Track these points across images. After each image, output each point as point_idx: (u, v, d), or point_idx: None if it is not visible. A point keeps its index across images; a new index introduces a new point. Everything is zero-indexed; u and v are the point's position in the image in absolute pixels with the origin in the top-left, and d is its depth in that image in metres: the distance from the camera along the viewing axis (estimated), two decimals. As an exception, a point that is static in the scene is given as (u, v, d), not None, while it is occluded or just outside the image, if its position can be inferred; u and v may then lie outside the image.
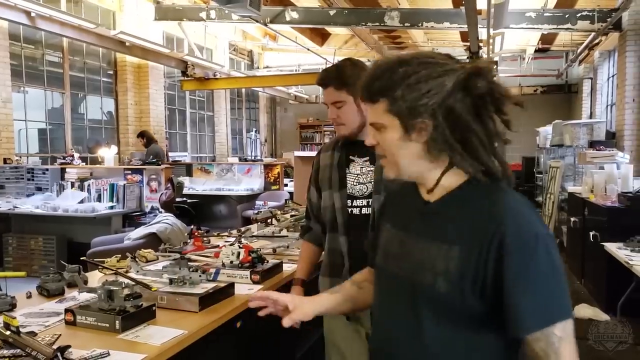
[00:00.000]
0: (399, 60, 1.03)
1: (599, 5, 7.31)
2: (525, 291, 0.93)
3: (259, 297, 1.31)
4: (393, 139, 1.04)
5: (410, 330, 1.03)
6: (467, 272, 0.96)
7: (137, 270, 2.06)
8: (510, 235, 0.93)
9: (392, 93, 1.01)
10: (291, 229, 3.11)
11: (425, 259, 1.01)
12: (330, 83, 1.79)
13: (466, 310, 0.97)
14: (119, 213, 5.75)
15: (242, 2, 5.60)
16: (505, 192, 1.02)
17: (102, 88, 8.71)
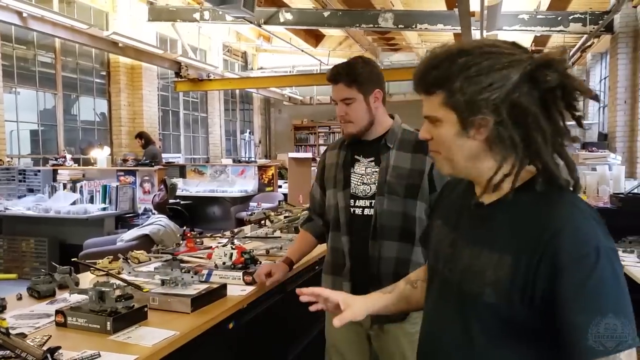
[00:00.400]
0: (459, 49, 0.94)
1: (591, 8, 7.36)
2: (585, 311, 0.82)
3: (309, 293, 1.25)
4: (449, 134, 0.96)
5: (457, 337, 0.97)
6: (516, 283, 0.88)
7: (129, 271, 2.05)
8: (566, 247, 0.84)
9: (450, 85, 0.92)
10: (285, 230, 3.11)
11: (474, 266, 0.95)
12: (340, 79, 1.78)
13: (515, 322, 0.90)
14: (112, 215, 5.72)
15: (236, 3, 5.60)
16: (565, 198, 0.92)
17: (94, 89, 8.67)
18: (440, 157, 1.00)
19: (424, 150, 1.75)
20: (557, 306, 0.84)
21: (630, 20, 7.26)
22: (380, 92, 1.81)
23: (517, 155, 0.92)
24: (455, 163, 0.98)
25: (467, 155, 0.96)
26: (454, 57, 0.93)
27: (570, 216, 0.88)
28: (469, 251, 0.97)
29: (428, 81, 0.96)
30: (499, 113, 0.90)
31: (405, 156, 1.77)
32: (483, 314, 0.93)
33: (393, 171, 1.76)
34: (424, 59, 0.98)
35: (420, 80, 0.98)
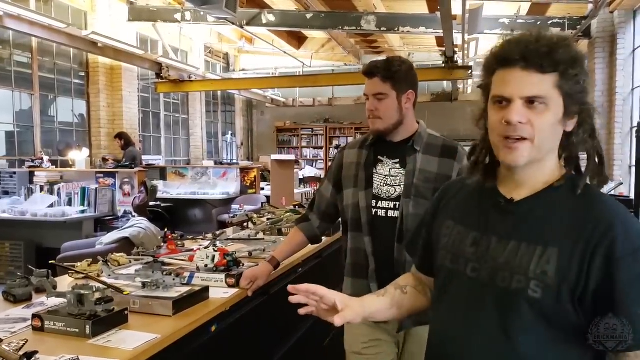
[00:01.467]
0: (560, 37, 0.93)
1: (569, 13, 7.50)
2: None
3: (304, 291, 1.15)
4: (552, 120, 0.92)
5: (493, 338, 0.93)
6: (567, 277, 0.87)
7: (109, 274, 2.00)
8: (622, 240, 0.86)
9: (570, 69, 0.90)
10: (268, 232, 3.09)
11: (512, 261, 0.92)
12: (377, 73, 1.76)
13: (560, 318, 0.89)
14: (91, 217, 5.61)
15: (218, 3, 5.55)
16: (602, 195, 0.95)
17: (73, 90, 8.52)
18: (529, 145, 0.93)
19: (451, 155, 1.76)
20: (611, 298, 0.85)
21: (607, 26, 7.41)
22: (413, 93, 1.80)
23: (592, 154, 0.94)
24: (540, 153, 0.94)
25: (555, 144, 0.95)
26: (568, 44, 0.92)
27: (621, 211, 0.91)
28: (502, 247, 0.95)
29: (555, 58, 0.90)
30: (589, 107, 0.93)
31: (432, 160, 1.76)
32: (525, 311, 0.90)
33: (420, 174, 1.74)
34: (533, 35, 0.94)
35: (543, 55, 0.90)
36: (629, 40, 7.22)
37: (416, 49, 12.03)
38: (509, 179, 1.00)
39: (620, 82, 7.24)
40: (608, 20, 7.39)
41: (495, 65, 0.96)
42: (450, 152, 1.77)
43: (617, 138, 7.21)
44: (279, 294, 2.30)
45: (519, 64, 0.91)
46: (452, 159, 1.76)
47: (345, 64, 12.93)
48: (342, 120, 14.19)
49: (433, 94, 12.54)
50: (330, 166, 2.02)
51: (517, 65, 0.91)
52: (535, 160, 0.95)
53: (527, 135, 0.92)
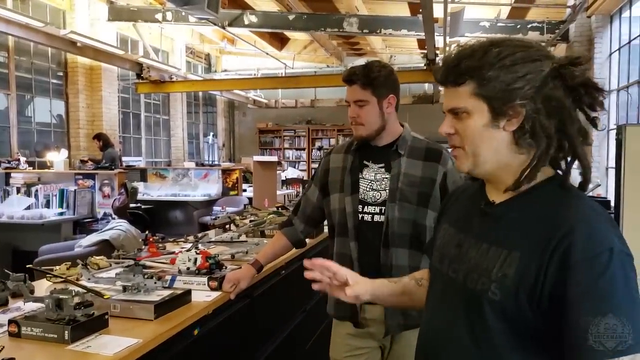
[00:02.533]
0: (490, 42, 0.94)
1: (548, 17, 7.63)
2: (593, 311, 0.81)
3: (319, 265, 1.18)
4: (477, 125, 0.94)
5: (462, 336, 0.95)
6: (524, 280, 0.87)
7: (88, 277, 1.96)
8: (578, 245, 0.83)
9: (484, 73, 0.91)
10: (250, 234, 3.06)
11: (481, 263, 0.94)
12: (356, 80, 1.75)
13: (519, 321, 0.89)
14: (69, 220, 5.51)
15: (200, 4, 5.51)
16: (580, 197, 0.92)
17: (51, 90, 8.37)
18: (462, 152, 0.97)
19: (436, 159, 1.77)
20: (563, 304, 0.83)
21: (584, 30, 7.55)
22: (394, 98, 1.79)
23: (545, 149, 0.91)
24: (478, 157, 0.96)
25: (494, 147, 0.94)
26: (487, 47, 0.93)
27: (586, 216, 0.88)
28: (476, 249, 0.96)
29: (460, 70, 0.93)
30: (534, 102, 0.90)
31: (416, 164, 1.77)
32: (487, 312, 0.91)
33: (405, 178, 1.75)
34: (453, 52, 0.97)
35: (450, 70, 0.95)
36: (605, 45, 7.37)
37: (398, 51, 12.11)
38: (488, 183, 1.02)
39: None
40: (585, 24, 7.53)
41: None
42: (435, 156, 1.78)
43: (595, 140, 7.35)
44: (262, 297, 2.29)
45: (443, 82, 0.98)
46: (437, 162, 1.77)
47: (328, 66, 12.96)
48: (324, 121, 14.21)
49: (414, 96, 12.63)
50: (317, 170, 2.02)
51: (443, 83, 0.98)
52: (481, 164, 0.96)
53: (458, 144, 0.97)
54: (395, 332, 1.74)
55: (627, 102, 6.81)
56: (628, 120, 6.70)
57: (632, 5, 6.63)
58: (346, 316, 1.80)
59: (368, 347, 1.80)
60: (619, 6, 6.95)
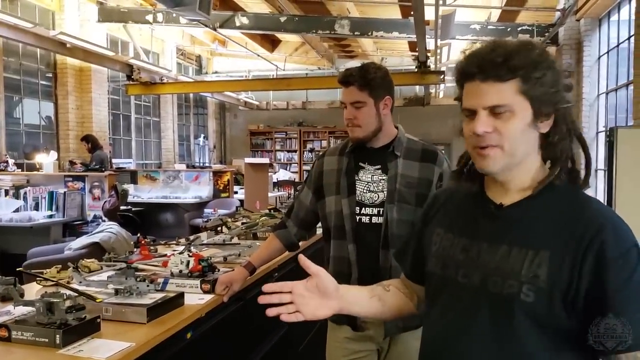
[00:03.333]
0: (526, 42, 0.94)
1: (537, 21, 7.69)
2: (632, 303, 0.85)
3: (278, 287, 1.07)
4: (521, 125, 0.92)
5: (486, 343, 0.93)
6: (559, 280, 0.88)
7: (79, 281, 1.94)
8: (610, 242, 0.86)
9: (531, 73, 0.91)
10: (243, 236, 3.05)
11: (504, 266, 0.92)
12: (353, 82, 1.75)
13: (553, 322, 0.89)
14: (59, 222, 5.45)
15: (191, 5, 5.49)
16: (591, 197, 0.96)
17: (40, 91, 8.29)
18: (499, 152, 0.94)
19: (432, 160, 1.77)
20: (605, 299, 0.85)
21: (573, 33, 7.63)
22: (390, 99, 1.80)
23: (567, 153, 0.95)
24: (514, 158, 0.95)
25: (529, 148, 0.95)
26: (528, 47, 0.93)
27: (610, 214, 0.92)
28: (492, 253, 0.95)
29: (511, 65, 0.91)
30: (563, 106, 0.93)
31: (413, 165, 1.77)
32: (518, 314, 0.90)
33: (402, 179, 1.75)
34: (489, 46, 0.95)
35: (498, 65, 0.91)
36: (594, 48, 7.44)
37: (389, 54, 12.15)
38: (495, 185, 1.01)
39: (586, 88, 7.46)
40: (574, 28, 7.60)
41: (461, 80, 0.98)
42: (431, 156, 1.79)
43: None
44: (255, 299, 2.28)
45: (478, 76, 0.94)
46: (433, 163, 1.77)
47: (319, 68, 12.97)
48: (316, 123, 14.21)
49: (405, 98, 12.67)
50: (310, 173, 2.01)
51: (476, 78, 0.94)
52: (512, 164, 0.95)
53: (495, 143, 0.94)
54: (394, 334, 1.73)
55: (616, 105, 6.89)
56: (616, 122, 6.77)
57: (620, 9, 6.71)
58: (344, 320, 1.79)
59: (366, 350, 1.79)
60: (607, 10, 7.03)
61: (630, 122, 5.45)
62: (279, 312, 1.04)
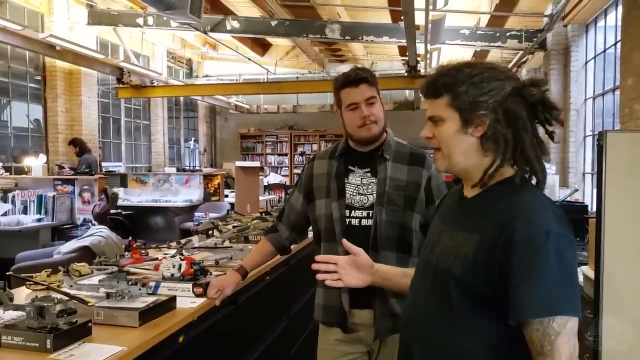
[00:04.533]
0: (465, 63, 1.15)
1: (526, 26, 7.77)
2: (528, 280, 0.99)
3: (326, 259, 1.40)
4: (450, 131, 1.13)
5: (433, 306, 1.13)
6: (480, 258, 1.05)
7: (70, 284, 1.93)
8: (520, 228, 1.01)
9: (457, 88, 1.11)
10: (234, 240, 3.05)
11: (451, 246, 1.12)
12: (364, 79, 1.76)
13: (477, 292, 1.06)
14: (48, 226, 5.41)
15: (182, 9, 5.47)
16: (529, 191, 1.10)
17: (28, 94, 8.22)
18: (440, 154, 1.16)
19: (420, 163, 1.80)
20: (509, 276, 1.01)
21: (561, 39, 7.72)
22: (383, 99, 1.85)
23: (504, 153, 1.09)
24: (452, 159, 1.14)
25: (463, 150, 1.13)
26: (461, 68, 1.13)
27: (530, 204, 1.06)
28: (450, 235, 1.15)
29: (438, 85, 1.14)
30: (495, 113, 1.09)
31: (401, 168, 1.79)
32: (451, 285, 1.09)
33: (391, 182, 1.77)
34: (434, 70, 1.18)
35: (430, 86, 1.15)
36: (581, 53, 7.54)
37: (379, 58, 12.20)
38: (465, 182, 1.20)
39: (574, 93, 7.54)
40: (562, 33, 7.70)
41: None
42: (419, 160, 1.81)
43: (572, 146, 7.50)
44: (247, 303, 2.28)
45: (424, 96, 1.19)
46: (421, 166, 1.80)
47: (310, 72, 12.99)
48: (306, 127, 14.22)
49: (395, 102, 12.73)
50: (300, 176, 2.02)
51: (425, 96, 1.18)
52: (454, 165, 1.15)
53: (437, 146, 1.16)
54: (385, 336, 1.74)
55: (603, 109, 6.97)
56: (603, 126, 6.86)
57: (607, 15, 6.80)
58: (334, 322, 1.80)
59: (357, 352, 1.80)
60: (594, 16, 7.12)
61: (617, 127, 5.52)
62: (325, 278, 1.38)
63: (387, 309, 1.71)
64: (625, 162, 1.86)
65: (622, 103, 5.16)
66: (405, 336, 1.22)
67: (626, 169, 1.86)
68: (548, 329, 0.97)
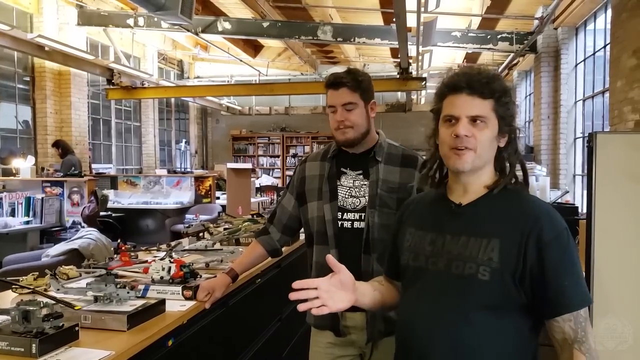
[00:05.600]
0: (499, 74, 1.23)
1: (517, 29, 7.82)
2: (565, 277, 1.08)
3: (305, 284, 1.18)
4: (490, 135, 1.17)
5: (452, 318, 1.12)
6: (508, 262, 1.09)
7: (57, 288, 1.90)
8: (547, 228, 1.09)
9: (503, 97, 1.17)
10: (225, 242, 3.02)
11: (464, 252, 1.13)
12: (344, 84, 1.75)
13: (505, 296, 1.09)
14: (36, 228, 5.35)
15: (173, 9, 5.44)
16: (530, 195, 1.20)
17: (17, 95, 8.14)
18: (473, 154, 1.16)
19: (412, 165, 1.79)
20: (544, 273, 1.08)
21: (551, 41, 7.77)
22: (375, 103, 1.82)
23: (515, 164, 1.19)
24: (480, 161, 1.18)
25: (491, 156, 1.20)
26: (500, 78, 1.20)
27: (544, 206, 1.15)
28: (455, 242, 1.15)
29: (492, 88, 1.16)
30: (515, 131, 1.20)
31: (394, 170, 1.78)
32: (477, 292, 1.10)
33: (383, 184, 1.75)
34: (475, 69, 1.20)
35: (483, 85, 1.16)
36: (571, 56, 7.59)
37: (371, 60, 12.23)
38: (456, 187, 1.22)
39: (564, 95, 7.60)
40: (552, 36, 7.75)
41: (446, 92, 1.20)
42: (411, 162, 1.80)
43: (562, 148, 7.55)
44: (238, 306, 2.26)
45: (465, 90, 1.16)
46: (413, 168, 1.79)
47: (302, 73, 12.98)
48: (298, 129, 14.21)
49: (387, 104, 12.76)
50: (292, 178, 2.00)
51: (463, 91, 1.16)
52: (477, 167, 1.18)
53: (471, 146, 1.15)
54: (377, 339, 1.73)
55: (592, 112, 7.02)
56: (593, 128, 6.91)
57: (596, 18, 6.86)
58: (326, 325, 1.78)
59: (349, 355, 1.79)
60: (584, 19, 7.18)
61: (607, 128, 5.56)
62: (308, 307, 1.17)
63: (380, 312, 1.70)
64: (616, 163, 1.87)
65: (612, 105, 5.20)
66: (421, 346, 1.16)
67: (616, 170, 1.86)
68: (579, 318, 1.07)
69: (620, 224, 1.86)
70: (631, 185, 1.84)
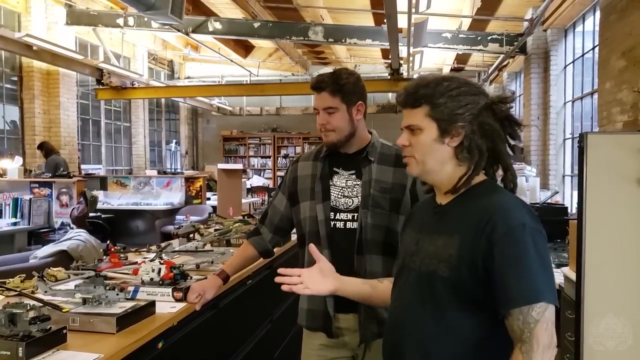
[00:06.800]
0: (443, 76, 1.23)
1: (507, 30, 7.86)
2: (512, 271, 1.06)
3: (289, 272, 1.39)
4: (427, 140, 1.20)
5: (419, 308, 1.18)
6: (465, 257, 1.11)
7: (45, 290, 1.87)
8: (499, 223, 1.09)
9: (436, 100, 1.18)
10: (215, 243, 3.00)
11: (433, 251, 1.18)
12: (325, 88, 1.74)
13: (464, 290, 1.12)
14: (24, 230, 5.29)
15: (163, 9, 5.41)
16: (502, 193, 1.20)
17: (4, 95, 8.04)
18: (413, 161, 1.23)
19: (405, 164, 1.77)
20: (492, 269, 1.08)
21: (541, 43, 7.82)
22: (362, 105, 1.80)
23: (478, 162, 1.18)
24: (425, 165, 1.22)
25: (439, 158, 1.21)
26: (439, 81, 1.20)
27: (504, 204, 1.15)
28: (429, 241, 1.21)
29: (417, 96, 1.20)
30: (472, 125, 1.18)
31: (387, 170, 1.77)
32: (438, 287, 1.15)
33: (376, 185, 1.75)
34: (413, 81, 1.24)
35: (410, 95, 1.21)
36: (560, 57, 7.64)
37: (362, 61, 12.24)
38: (437, 189, 1.27)
39: (553, 97, 7.64)
40: (542, 38, 7.80)
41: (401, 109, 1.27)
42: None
43: (552, 149, 7.60)
44: (229, 307, 2.24)
45: (402, 105, 1.24)
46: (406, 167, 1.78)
47: (293, 74, 12.97)
48: (290, 129, 14.19)
49: (379, 105, 12.78)
50: (284, 178, 1.99)
51: (403, 106, 1.24)
52: (427, 171, 1.22)
53: (411, 154, 1.23)
54: (370, 341, 1.72)
55: (581, 113, 7.08)
56: (582, 129, 6.96)
57: (585, 20, 6.91)
58: (319, 327, 1.77)
59: (341, 357, 1.78)
60: (573, 21, 7.23)
61: (595, 129, 5.61)
62: (290, 288, 1.36)
63: (373, 313, 1.69)
64: (606, 163, 1.88)
65: (600, 106, 5.24)
66: (394, 340, 1.24)
67: (607, 170, 1.87)
68: (528, 317, 1.03)
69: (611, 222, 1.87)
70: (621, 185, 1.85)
